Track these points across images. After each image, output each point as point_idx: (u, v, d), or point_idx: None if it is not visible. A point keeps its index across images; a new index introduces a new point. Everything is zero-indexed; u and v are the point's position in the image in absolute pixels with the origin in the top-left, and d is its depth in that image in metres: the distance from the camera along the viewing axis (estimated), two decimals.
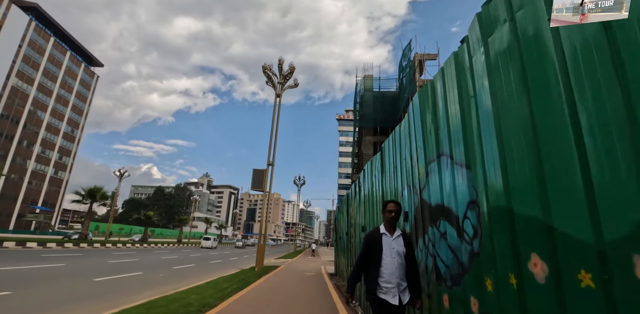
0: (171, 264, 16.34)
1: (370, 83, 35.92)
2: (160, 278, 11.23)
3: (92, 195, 26.03)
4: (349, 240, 8.35)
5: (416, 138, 3.17)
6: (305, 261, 23.69)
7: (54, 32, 56.96)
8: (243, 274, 12.03)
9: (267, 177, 16.68)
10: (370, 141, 34.69)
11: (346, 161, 79.74)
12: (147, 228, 36.89)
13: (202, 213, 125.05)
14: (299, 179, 50.20)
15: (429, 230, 2.82)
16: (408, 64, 29.18)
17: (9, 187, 49.22)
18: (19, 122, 50.50)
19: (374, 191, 5.18)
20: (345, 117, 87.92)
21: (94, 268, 12.29)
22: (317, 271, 15.42)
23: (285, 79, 18.57)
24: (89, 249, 22.74)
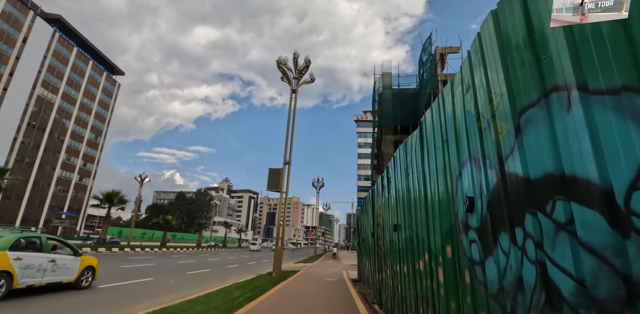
0: (186, 269, 15.63)
1: (389, 81, 34.80)
2: (170, 284, 10.43)
3: (110, 199, 25.96)
4: (376, 242, 7.24)
5: (490, 82, 2.08)
6: (325, 265, 22.59)
7: (76, 43, 58.75)
8: (258, 281, 11.08)
9: (284, 177, 15.77)
10: (390, 140, 33.53)
11: (365, 163, 78.25)
12: (166, 232, 36.78)
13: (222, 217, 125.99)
14: (318, 181, 49.24)
15: (527, 219, 1.73)
16: (429, 58, 27.86)
17: (37, 193, 50.64)
18: (45, 130, 52.04)
19: (412, 179, 4.09)
20: (364, 118, 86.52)
21: (103, 274, 11.65)
22: (339, 276, 14.30)
23: (300, 74, 17.71)
24: (107, 253, 22.48)
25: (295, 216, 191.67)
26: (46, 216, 51.72)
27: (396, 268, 5.08)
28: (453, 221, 2.78)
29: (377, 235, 6.94)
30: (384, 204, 6.21)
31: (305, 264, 23.56)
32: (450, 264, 2.84)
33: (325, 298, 8.06)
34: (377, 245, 6.97)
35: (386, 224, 5.90)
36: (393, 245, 5.26)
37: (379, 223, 6.83)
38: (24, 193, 48.68)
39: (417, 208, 3.83)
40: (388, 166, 5.95)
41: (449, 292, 2.89)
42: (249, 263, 24.23)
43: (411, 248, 4.17)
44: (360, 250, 12.72)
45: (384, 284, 6.30)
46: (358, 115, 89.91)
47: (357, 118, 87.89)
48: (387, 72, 35.41)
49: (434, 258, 3.25)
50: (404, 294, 4.60)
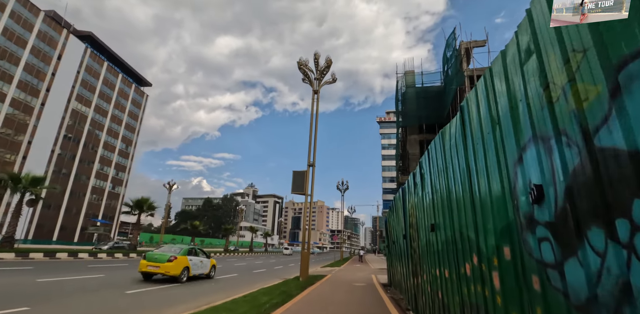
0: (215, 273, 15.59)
1: (412, 79, 34.04)
2: (197, 289, 10.32)
3: (140, 206, 26.72)
4: (409, 244, 6.76)
5: (564, 38, 1.67)
6: (353, 269, 22.05)
7: (107, 57, 61.64)
8: (285, 286, 10.79)
9: (308, 179, 15.49)
10: (415, 140, 32.70)
11: (390, 164, 76.96)
12: (193, 237, 37.43)
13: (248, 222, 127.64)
14: (342, 184, 48.72)
15: (636, 207, 1.30)
16: (453, 54, 26.97)
17: (73, 202, 53.15)
18: (80, 141, 54.69)
19: (452, 172, 3.66)
20: (387, 119, 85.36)
21: (132, 279, 11.74)
22: (368, 281, 13.79)
23: (322, 74, 17.48)
24: (137, 259, 22.97)
25: (321, 220, 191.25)
26: (82, 224, 54.11)
27: (435, 272, 4.61)
28: (511, 217, 2.35)
29: (410, 236, 6.47)
30: (417, 203, 5.76)
31: (332, 268, 23.11)
32: (509, 268, 2.41)
33: (355, 304, 7.63)
34: (411, 247, 6.50)
35: (421, 224, 5.44)
36: (430, 246, 4.80)
37: (411, 224, 6.36)
38: (62, 202, 51.20)
39: (460, 204, 3.39)
40: (421, 162, 5.52)
41: (508, 301, 2.45)
42: (276, 267, 24.06)
43: (454, 250, 3.72)
44: (390, 253, 12.18)
45: (420, 290, 5.82)
46: (381, 116, 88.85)
47: (380, 119, 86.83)
48: (409, 71, 34.68)
49: (486, 261, 2.81)
50: (446, 302, 4.13)
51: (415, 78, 33.81)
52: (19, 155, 44.65)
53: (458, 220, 3.49)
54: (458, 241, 3.54)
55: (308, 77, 17.57)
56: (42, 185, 19.84)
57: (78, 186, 54.22)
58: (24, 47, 45.42)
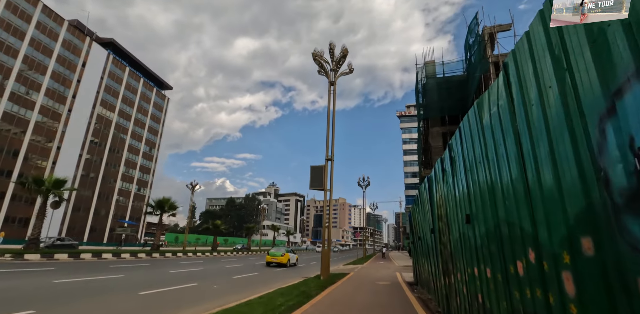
0: (233, 273, 15.30)
1: (432, 69, 32.83)
2: (213, 289, 9.97)
3: (161, 206, 26.99)
4: (438, 239, 6.04)
5: None
6: (376, 267, 21.31)
7: (128, 63, 63.26)
8: (305, 285, 10.25)
9: (327, 174, 14.90)
10: (438, 132, 31.56)
11: (412, 159, 75.21)
12: (216, 237, 37.67)
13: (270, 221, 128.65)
14: (364, 180, 47.82)
15: None
16: (476, 40, 25.62)
17: (101, 204, 54.96)
18: (106, 145, 56.43)
19: (492, 146, 2.95)
20: (407, 113, 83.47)
21: (151, 279, 11.56)
22: (392, 279, 13.06)
23: (338, 65, 16.82)
24: (160, 259, 23.16)
25: (343, 217, 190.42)
26: (110, 225, 55.88)
27: (472, 271, 3.91)
28: (595, 196, 1.65)
29: (439, 230, 5.74)
30: (447, 192, 5.04)
31: (355, 266, 22.45)
32: (592, 267, 1.72)
33: (379, 306, 6.98)
34: (440, 243, 5.78)
35: (452, 216, 4.73)
36: (465, 241, 4.09)
37: (440, 217, 5.64)
38: (91, 204, 53.03)
39: (507, 186, 2.69)
40: (451, 144, 4.80)
41: (591, 313, 1.76)
42: (298, 265, 23.66)
43: (498, 245, 3.03)
44: (415, 250, 11.40)
45: (452, 291, 5.10)
46: (401, 110, 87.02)
47: (401, 113, 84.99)
48: (430, 61, 33.50)
49: (550, 258, 2.11)
50: (488, 307, 3.43)
51: (436, 68, 32.60)
52: (49, 160, 46.46)
53: (504, 207, 2.79)
54: (504, 234, 2.84)
55: (324, 68, 16.96)
56: (64, 187, 20.13)
57: (105, 189, 56.00)
58: (50, 56, 47.13)
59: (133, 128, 62.80)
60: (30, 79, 44.23)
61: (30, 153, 43.92)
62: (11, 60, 41.80)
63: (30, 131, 44.02)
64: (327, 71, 16.79)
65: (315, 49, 16.56)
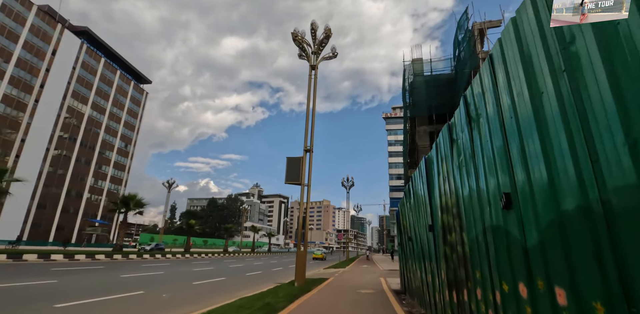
0: (198, 278, 13.42)
1: (420, 67, 31.88)
2: (159, 299, 8.15)
3: (126, 203, 24.63)
4: (439, 239, 4.47)
5: None
6: (359, 271, 19.74)
7: (104, 53, 60.07)
8: (273, 295, 8.55)
9: (305, 167, 13.25)
10: (425, 131, 30.62)
11: (397, 161, 74.52)
12: (189, 237, 35.34)
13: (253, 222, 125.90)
14: (348, 180, 46.32)
15: None
16: (466, 36, 24.71)
17: (70, 202, 51.57)
18: (76, 140, 53.12)
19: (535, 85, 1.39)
20: (393, 115, 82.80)
21: (89, 286, 9.63)
22: (377, 286, 11.48)
23: (320, 48, 15.25)
24: (121, 261, 20.98)
25: (327, 219, 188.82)
26: (80, 224, 52.52)
27: (514, 287, 2.34)
28: None
29: (445, 226, 4.17)
30: (457, 168, 3.48)
31: (337, 270, 20.83)
32: None
33: None
34: (445, 243, 4.20)
35: (471, 203, 3.15)
36: (501, 239, 2.51)
37: (446, 207, 4.06)
38: (58, 202, 49.64)
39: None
40: (466, 95, 3.26)
41: None
42: (275, 268, 21.86)
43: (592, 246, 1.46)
44: (404, 253, 9.85)
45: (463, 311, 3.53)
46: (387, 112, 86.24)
47: (386, 115, 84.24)
48: (417, 58, 32.58)
49: None
50: None
51: (424, 66, 31.68)
52: (12, 153, 43.07)
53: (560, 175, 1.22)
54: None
55: (305, 51, 15.37)
56: (6, 177, 17.76)
57: (76, 186, 52.65)
58: (16, 42, 43.88)
59: (108, 123, 59.55)
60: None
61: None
62: None
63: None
64: (309, 54, 15.20)
65: (296, 29, 14.94)
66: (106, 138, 59.24)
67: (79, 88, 53.51)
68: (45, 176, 47.47)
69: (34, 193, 45.70)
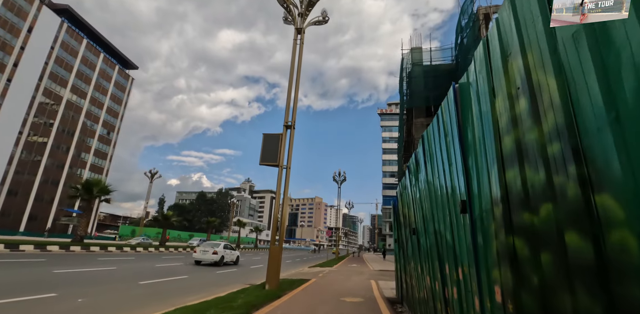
0: (151, 276, 11.15)
1: (419, 56, 30.01)
2: (65, 307, 5.87)
3: (89, 189, 22.06)
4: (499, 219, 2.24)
5: None
6: (347, 271, 17.62)
7: (87, 35, 56.80)
8: (231, 302, 6.36)
9: (284, 145, 11.03)
10: (422, 123, 28.77)
11: (391, 158, 72.69)
12: (165, 229, 32.90)
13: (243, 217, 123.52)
14: (339, 175, 44.23)
15: None
16: (470, 20, 22.74)
17: (45, 190, 48.58)
18: (53, 124, 50.03)
19: None
20: (388, 111, 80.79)
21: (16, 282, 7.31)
22: (366, 291, 9.32)
23: (308, 10, 13.00)
24: (77, 253, 18.57)
25: (318, 217, 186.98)
26: (55, 214, 49.59)
27: None
28: None
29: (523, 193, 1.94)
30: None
31: (323, 269, 18.70)
32: None
33: None
34: (514, 231, 1.99)
35: None
36: None
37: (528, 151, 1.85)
38: (31, 189, 46.63)
39: None
40: None
41: None
42: (254, 266, 19.67)
43: None
44: (402, 251, 7.69)
45: None
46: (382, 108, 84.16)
47: (382, 111, 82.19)
48: (416, 47, 30.69)
49: None
50: None
51: (423, 55, 29.77)
52: None
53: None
54: None
55: (291, 13, 13.11)
56: None
57: (51, 173, 49.63)
58: None
59: (89, 108, 56.40)
60: None
61: None
62: None
63: None
64: (295, 16, 12.93)
65: None
66: (87, 124, 56.14)
67: (57, 70, 50.32)
68: (17, 161, 44.43)
69: (4, 179, 42.70)
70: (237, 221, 57.94)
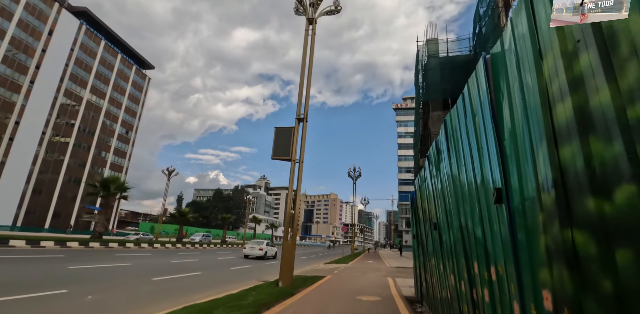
0: (166, 272, 11.09)
1: (435, 47, 28.94)
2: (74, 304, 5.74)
3: (106, 186, 22.49)
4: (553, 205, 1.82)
5: None
6: (363, 267, 17.24)
7: (105, 36, 57.97)
8: (241, 301, 6.11)
9: (297, 139, 10.71)
10: (439, 117, 27.81)
11: (406, 153, 71.49)
12: (182, 226, 33.29)
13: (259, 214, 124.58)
14: (354, 171, 43.65)
15: None
16: (488, 9, 21.69)
17: (68, 188, 50.08)
18: (74, 124, 51.41)
19: None
20: (404, 106, 79.38)
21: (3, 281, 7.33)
22: (383, 290, 8.93)
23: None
24: (96, 249, 18.88)
25: (334, 213, 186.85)
26: (78, 211, 51.11)
27: None
28: None
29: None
30: None
31: (338, 265, 18.40)
32: None
33: None
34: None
35: None
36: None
37: None
38: (55, 188, 48.15)
39: None
40: None
41: None
42: (269, 262, 19.55)
43: None
44: (420, 247, 7.24)
45: None
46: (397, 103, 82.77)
47: (397, 106, 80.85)
48: (432, 38, 29.62)
49: None
50: None
51: (439, 46, 28.76)
52: (5, 136, 41.45)
53: None
54: None
55: (302, 3, 12.72)
56: None
57: (73, 172, 51.11)
58: (10, 20, 41.90)
59: (108, 108, 57.71)
60: None
61: None
62: None
63: None
64: (306, 5, 12.53)
65: None
66: (106, 123, 57.49)
67: (77, 71, 51.61)
68: (41, 161, 45.91)
69: (29, 178, 44.21)
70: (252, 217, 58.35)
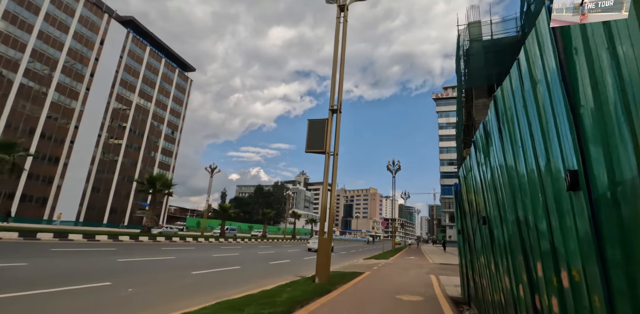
0: (206, 266, 11.33)
1: (477, 30, 26.90)
2: (114, 297, 5.88)
3: (153, 183, 23.81)
4: None
5: None
6: (404, 263, 16.57)
7: (149, 42, 61.31)
8: (274, 298, 5.92)
9: (330, 130, 10.34)
10: (484, 104, 26.05)
11: (448, 145, 68.37)
12: (224, 221, 34.45)
13: (299, 209, 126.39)
14: (393, 164, 42.54)
15: None
16: None
17: (122, 186, 53.99)
18: (126, 127, 55.10)
19: None
20: (444, 95, 75.90)
21: (55, 273, 7.78)
22: (426, 289, 8.34)
23: None
24: (145, 243, 19.96)
25: (373, 208, 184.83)
26: (131, 207, 54.95)
27: None
28: None
29: None
30: None
31: (378, 261, 17.87)
32: None
33: None
34: None
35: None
36: None
37: None
38: (111, 186, 52.09)
39: None
40: None
41: None
42: (307, 257, 19.49)
43: None
44: (467, 244, 6.58)
45: None
46: (437, 93, 79.33)
47: (437, 96, 77.50)
48: (474, 21, 27.56)
49: None
50: None
51: (482, 29, 26.67)
52: (67, 139, 45.39)
53: None
54: None
55: None
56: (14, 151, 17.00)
57: (126, 171, 54.95)
58: (67, 32, 45.59)
59: (154, 110, 61.20)
60: (46, 55, 42.89)
61: (46, 131, 42.90)
62: (25, 35, 40.41)
63: (47, 109, 42.90)
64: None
65: None
66: (154, 124, 61.00)
67: (126, 77, 55.14)
68: (98, 161, 49.79)
69: (88, 177, 48.16)
70: (292, 213, 59.27)
